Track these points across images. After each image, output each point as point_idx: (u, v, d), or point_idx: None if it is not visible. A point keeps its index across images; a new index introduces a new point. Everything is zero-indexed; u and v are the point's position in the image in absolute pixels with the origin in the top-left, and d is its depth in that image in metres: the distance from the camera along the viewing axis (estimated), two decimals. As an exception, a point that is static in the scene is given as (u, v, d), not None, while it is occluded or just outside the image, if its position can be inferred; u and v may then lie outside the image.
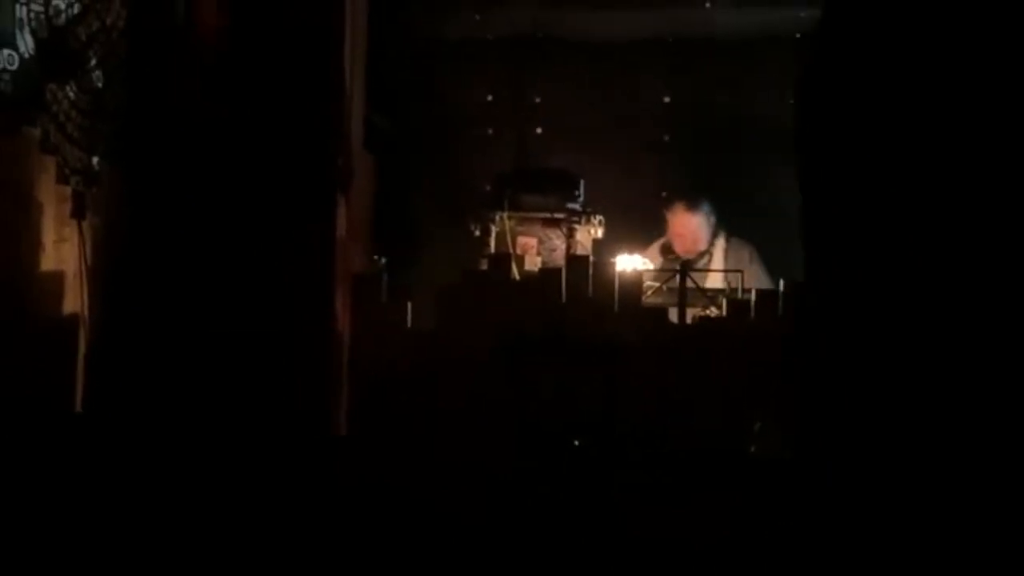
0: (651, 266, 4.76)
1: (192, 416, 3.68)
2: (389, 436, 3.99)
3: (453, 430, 3.97)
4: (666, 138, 5.78)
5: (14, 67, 3.22)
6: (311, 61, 3.98)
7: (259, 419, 3.75)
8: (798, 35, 5.64)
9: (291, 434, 3.79)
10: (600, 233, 4.70)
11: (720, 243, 5.26)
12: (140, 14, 3.80)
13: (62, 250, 3.45)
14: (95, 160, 3.60)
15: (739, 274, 4.46)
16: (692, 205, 5.29)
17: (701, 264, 5.12)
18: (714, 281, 4.79)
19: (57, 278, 3.46)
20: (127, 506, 3.41)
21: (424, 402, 4.00)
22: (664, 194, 5.60)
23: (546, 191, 4.60)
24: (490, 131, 5.81)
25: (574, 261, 4.28)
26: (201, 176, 3.86)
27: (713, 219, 5.32)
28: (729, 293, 4.42)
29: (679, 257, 5.16)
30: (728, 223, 5.42)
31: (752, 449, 3.71)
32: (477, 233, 4.63)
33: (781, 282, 4.22)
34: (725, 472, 3.74)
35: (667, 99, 5.77)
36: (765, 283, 4.76)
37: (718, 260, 5.16)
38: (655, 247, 5.23)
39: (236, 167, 3.89)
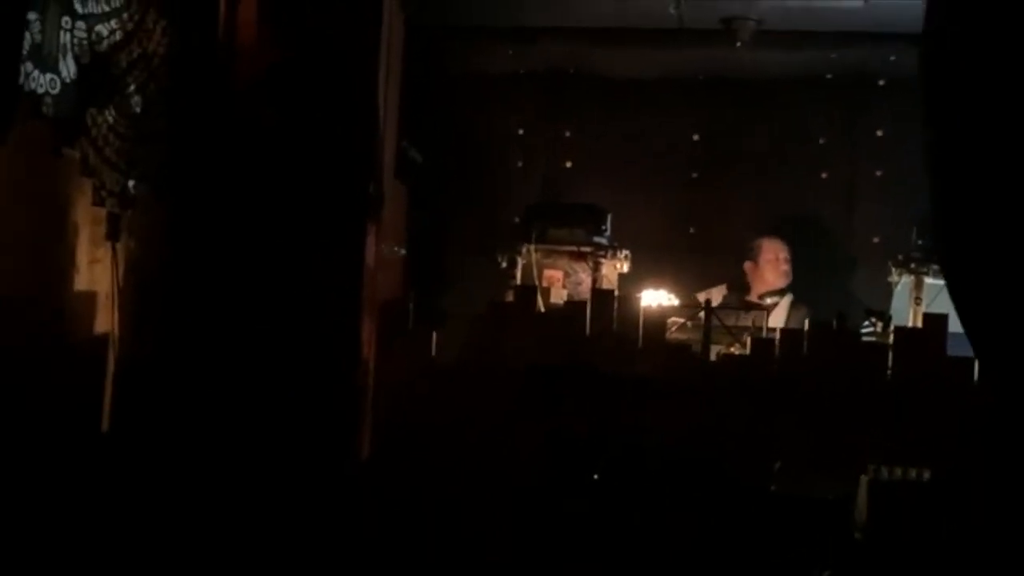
0: (676, 302, 4.76)
1: (218, 439, 3.72)
2: (410, 464, 4.00)
3: (474, 461, 3.98)
4: (694, 175, 5.80)
5: (56, 91, 3.29)
6: (345, 91, 4.05)
7: (285, 443, 3.79)
8: (828, 76, 5.67)
9: (316, 457, 3.82)
10: (626, 268, 4.72)
11: (789, 297, 5.26)
12: (182, 44, 3.88)
13: (95, 271, 3.50)
14: (131, 183, 3.66)
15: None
16: (780, 235, 5.35)
17: (770, 301, 5.12)
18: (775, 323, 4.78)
19: (90, 298, 3.51)
20: (150, 525, 3.45)
21: (446, 431, 4.02)
22: (690, 227, 5.65)
23: (573, 225, 4.63)
24: (520, 164, 5.85)
25: (599, 295, 4.31)
26: (235, 201, 3.93)
27: None
28: (753, 331, 4.42)
29: (749, 295, 5.16)
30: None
31: (772, 488, 3.69)
32: (504, 265, 4.66)
33: (806, 322, 4.22)
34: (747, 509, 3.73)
35: (696, 137, 5.80)
36: None
37: (783, 308, 5.16)
38: (719, 288, 5.19)
39: (268, 194, 3.95)
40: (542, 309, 4.32)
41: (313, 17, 4.02)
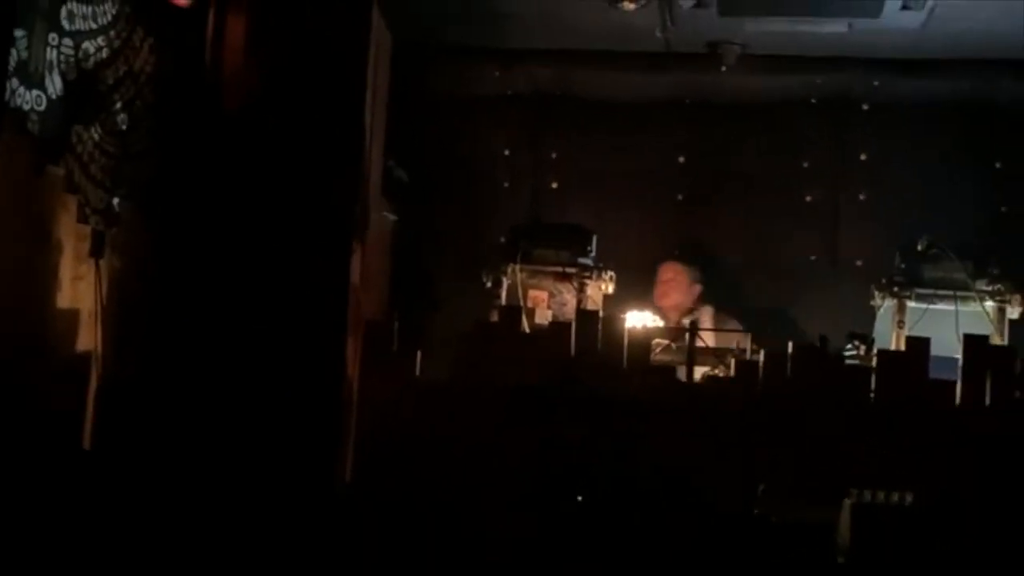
0: (661, 323, 4.78)
1: (201, 457, 3.70)
2: (394, 484, 3.99)
3: (458, 480, 3.97)
4: (680, 197, 5.83)
5: (42, 108, 3.28)
6: (332, 110, 4.06)
7: (269, 461, 3.77)
8: (813, 100, 5.71)
9: (299, 476, 3.81)
10: (611, 289, 4.72)
11: (708, 311, 5.31)
12: (169, 62, 3.89)
13: (79, 288, 3.49)
14: (116, 201, 3.66)
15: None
16: (675, 258, 5.45)
17: (688, 320, 5.16)
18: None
19: (72, 315, 3.50)
20: (132, 543, 3.43)
21: (430, 450, 4.01)
22: (675, 249, 5.70)
23: (559, 245, 4.63)
24: (506, 184, 5.87)
25: (584, 316, 4.31)
26: (220, 219, 3.92)
27: (698, 287, 5.44)
28: (738, 353, 4.43)
29: (665, 316, 5.20)
30: (740, 283, 5.46)
31: (756, 512, 3.70)
32: (489, 284, 4.65)
33: (790, 344, 4.23)
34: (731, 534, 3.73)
35: (681, 159, 5.83)
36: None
37: (708, 322, 5.20)
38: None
39: (254, 212, 3.95)
40: (527, 329, 4.31)
41: (300, 36, 4.03)
